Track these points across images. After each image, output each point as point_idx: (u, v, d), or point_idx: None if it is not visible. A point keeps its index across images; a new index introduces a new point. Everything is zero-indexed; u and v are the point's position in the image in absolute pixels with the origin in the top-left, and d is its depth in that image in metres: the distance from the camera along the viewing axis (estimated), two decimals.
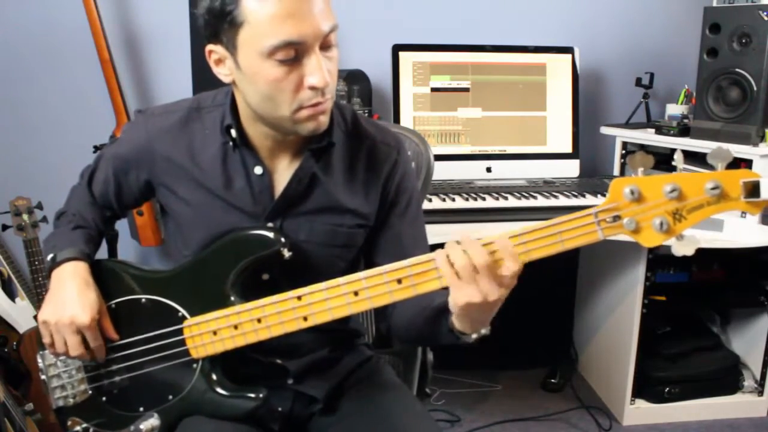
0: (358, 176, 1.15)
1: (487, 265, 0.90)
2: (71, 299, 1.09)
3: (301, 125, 1.02)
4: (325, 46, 0.99)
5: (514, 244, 0.91)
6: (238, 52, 0.98)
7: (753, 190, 0.81)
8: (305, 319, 1.02)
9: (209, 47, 1.02)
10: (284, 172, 1.12)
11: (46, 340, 1.11)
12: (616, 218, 0.88)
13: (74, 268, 1.12)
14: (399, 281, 0.96)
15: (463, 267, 0.91)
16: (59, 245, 1.15)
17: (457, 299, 0.93)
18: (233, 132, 1.09)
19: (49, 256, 1.15)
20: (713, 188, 0.82)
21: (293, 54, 0.96)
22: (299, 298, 1.02)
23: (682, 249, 0.87)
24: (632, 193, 0.86)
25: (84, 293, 1.10)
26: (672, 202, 0.85)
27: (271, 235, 1.08)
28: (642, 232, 0.87)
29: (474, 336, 1.01)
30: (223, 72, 1.03)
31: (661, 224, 0.85)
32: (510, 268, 0.91)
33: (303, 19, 0.94)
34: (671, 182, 0.84)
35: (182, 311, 1.11)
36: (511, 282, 0.92)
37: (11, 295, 2.13)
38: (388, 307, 1.16)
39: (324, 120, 1.04)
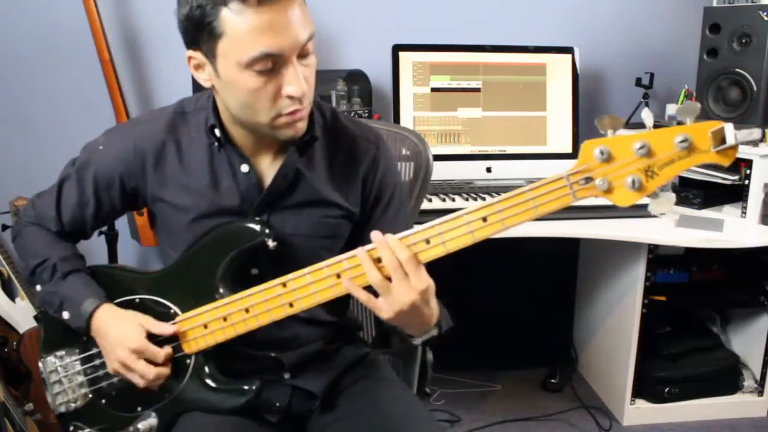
0: (338, 172, 1.16)
1: (395, 264, 0.93)
2: (116, 341, 1.10)
3: (279, 131, 1.04)
4: (302, 55, 1.00)
5: (488, 214, 0.92)
6: (217, 61, 1.00)
7: (722, 139, 0.80)
8: (291, 305, 1.03)
9: (189, 53, 1.04)
10: (269, 168, 1.13)
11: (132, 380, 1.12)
12: (588, 180, 0.88)
13: (100, 315, 1.13)
14: (378, 260, 0.96)
15: (376, 283, 0.95)
16: (69, 304, 1.15)
17: (381, 315, 0.97)
18: (217, 132, 1.10)
19: (65, 316, 1.14)
20: (682, 141, 0.82)
21: (271, 65, 0.97)
22: (284, 284, 1.03)
23: (658, 207, 0.87)
24: (602, 153, 0.86)
25: (120, 328, 1.11)
26: (642, 159, 0.85)
27: (255, 226, 1.09)
28: (615, 191, 0.87)
29: (418, 340, 1.05)
30: (202, 77, 1.05)
31: (633, 182, 0.85)
32: (401, 254, 0.93)
33: (281, 32, 0.95)
34: (640, 140, 0.84)
35: (174, 308, 1.12)
36: (417, 280, 0.94)
37: (11, 295, 2.13)
38: None
39: (302, 126, 1.06)
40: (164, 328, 1.11)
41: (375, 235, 0.96)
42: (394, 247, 0.94)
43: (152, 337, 1.11)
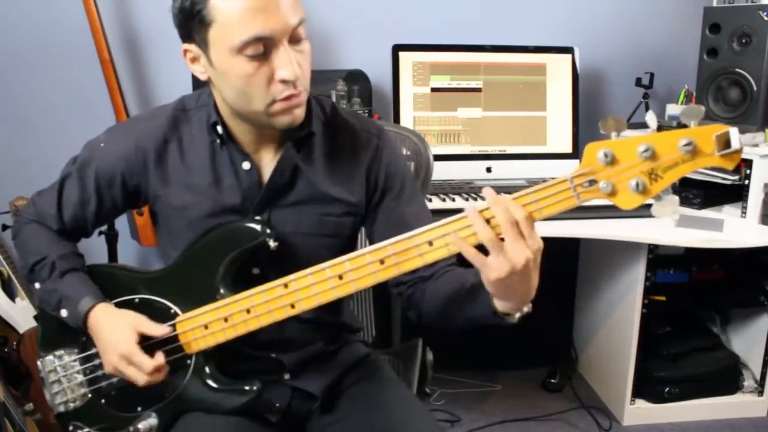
0: (340, 165, 1.16)
1: (510, 223, 0.88)
2: (108, 343, 1.10)
3: (275, 119, 1.04)
4: (294, 40, 1.00)
5: (491, 216, 0.90)
6: (210, 50, 1.00)
7: (726, 143, 0.80)
8: (293, 306, 1.03)
9: (184, 46, 1.04)
10: (269, 165, 1.13)
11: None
12: (592, 182, 0.88)
13: (95, 314, 1.12)
14: (381, 261, 0.96)
15: (489, 240, 0.89)
16: (66, 303, 1.14)
17: (488, 275, 0.91)
18: (219, 129, 1.10)
19: (63, 314, 1.14)
20: (686, 145, 0.81)
21: (262, 49, 0.97)
22: (285, 285, 1.03)
23: (661, 210, 0.86)
24: (606, 156, 0.86)
25: (112, 330, 1.10)
26: (646, 162, 0.84)
27: (256, 226, 1.09)
28: (619, 194, 0.87)
29: (517, 315, 0.99)
30: (198, 70, 1.06)
31: (637, 185, 0.85)
32: (518, 213, 0.88)
33: (270, 14, 0.95)
34: (644, 142, 0.84)
35: (174, 308, 1.12)
36: (532, 241, 0.89)
37: (11, 295, 2.13)
38: (415, 293, 1.15)
39: (299, 113, 1.05)
40: (157, 330, 1.09)
41: (488, 191, 0.91)
42: (510, 205, 0.89)
43: (149, 338, 1.10)
